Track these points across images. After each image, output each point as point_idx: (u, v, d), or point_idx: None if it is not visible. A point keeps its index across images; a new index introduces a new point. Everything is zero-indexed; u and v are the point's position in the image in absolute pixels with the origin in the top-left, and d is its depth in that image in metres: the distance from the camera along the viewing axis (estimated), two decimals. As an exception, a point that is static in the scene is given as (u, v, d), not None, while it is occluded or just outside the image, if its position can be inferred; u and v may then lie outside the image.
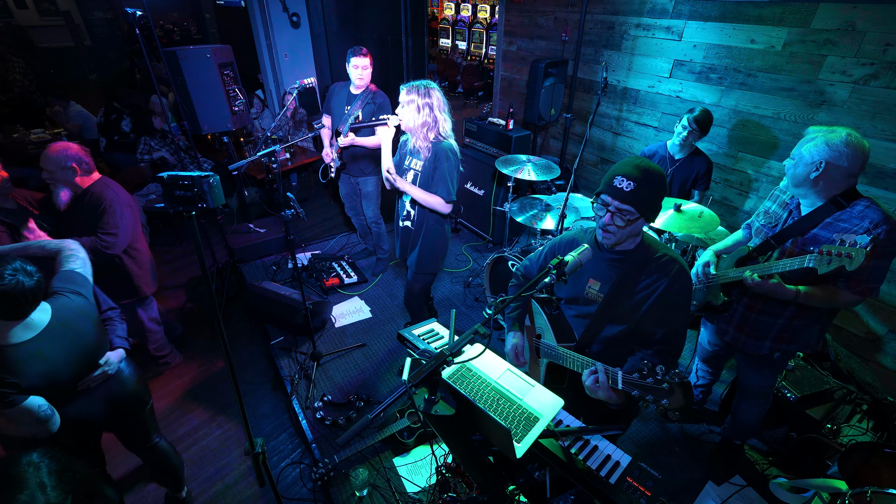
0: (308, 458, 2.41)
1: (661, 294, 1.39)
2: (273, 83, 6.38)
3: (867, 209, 1.52)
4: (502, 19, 4.60)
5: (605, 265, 1.49)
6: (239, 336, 3.31)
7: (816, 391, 2.31)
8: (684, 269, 1.40)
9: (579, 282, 1.56)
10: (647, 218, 1.35)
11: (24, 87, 6.65)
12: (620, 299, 1.44)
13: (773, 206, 1.83)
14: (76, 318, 1.61)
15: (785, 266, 1.58)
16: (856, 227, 1.52)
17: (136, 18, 2.52)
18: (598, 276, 1.50)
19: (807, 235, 1.62)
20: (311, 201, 5.34)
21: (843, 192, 1.57)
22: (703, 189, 2.70)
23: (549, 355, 1.61)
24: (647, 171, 1.30)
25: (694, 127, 2.56)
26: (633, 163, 1.33)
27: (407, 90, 2.13)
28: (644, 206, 1.32)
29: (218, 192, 1.22)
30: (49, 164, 2.14)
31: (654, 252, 1.42)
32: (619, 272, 1.44)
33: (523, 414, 1.37)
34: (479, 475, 1.36)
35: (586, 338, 1.54)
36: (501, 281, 3.15)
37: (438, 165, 2.21)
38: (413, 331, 1.79)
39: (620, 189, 1.31)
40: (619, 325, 1.48)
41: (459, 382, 1.49)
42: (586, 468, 1.28)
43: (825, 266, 1.43)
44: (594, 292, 1.51)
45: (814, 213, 1.62)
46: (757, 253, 1.79)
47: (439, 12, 10.59)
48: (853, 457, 1.88)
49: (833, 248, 1.41)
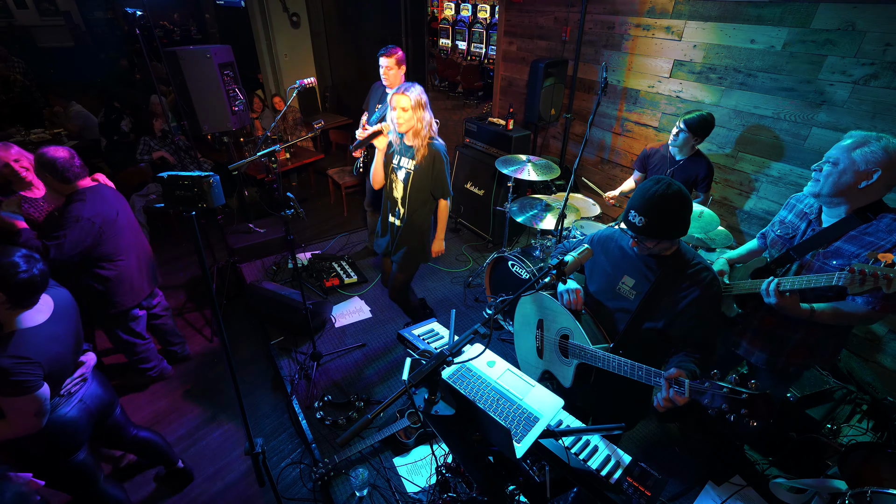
0: (308, 458, 2.41)
1: (692, 302, 1.42)
2: (273, 83, 6.38)
3: (895, 222, 1.43)
4: (502, 19, 4.60)
5: (640, 264, 1.53)
6: (239, 336, 3.31)
7: (816, 391, 2.31)
8: (716, 279, 1.44)
9: (612, 274, 1.59)
10: (672, 238, 1.38)
11: (25, 87, 6.64)
12: (659, 297, 1.48)
13: (789, 216, 1.73)
14: (68, 304, 1.68)
15: (810, 283, 1.46)
16: (883, 241, 1.42)
17: (136, 18, 2.52)
18: (632, 274, 1.54)
19: (829, 248, 1.52)
20: (311, 201, 5.35)
21: (871, 204, 1.46)
22: (704, 191, 2.70)
23: (580, 357, 1.59)
24: (661, 201, 1.31)
25: (683, 128, 2.54)
26: (647, 195, 1.34)
27: (402, 94, 2.16)
28: (662, 233, 1.35)
29: (218, 192, 1.23)
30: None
31: (688, 260, 1.46)
32: (656, 273, 1.48)
33: (523, 414, 1.37)
34: (479, 475, 1.36)
35: (627, 335, 1.55)
36: (501, 281, 3.15)
37: (436, 166, 2.29)
38: (413, 331, 1.80)
39: (634, 224, 1.36)
40: (657, 322, 1.50)
41: (459, 382, 1.49)
42: (586, 468, 1.28)
43: (857, 287, 1.32)
44: (627, 288, 1.55)
45: (837, 224, 1.52)
46: (775, 265, 1.69)
47: (439, 12, 10.57)
48: (853, 457, 1.87)
49: (867, 268, 1.29)
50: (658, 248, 1.41)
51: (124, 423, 2.03)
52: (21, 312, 1.48)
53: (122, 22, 9.49)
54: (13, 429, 1.48)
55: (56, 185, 2.17)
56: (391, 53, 3.09)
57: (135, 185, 4.29)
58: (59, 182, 2.15)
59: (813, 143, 2.62)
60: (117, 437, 2.01)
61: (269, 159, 2.23)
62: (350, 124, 6.00)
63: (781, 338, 1.74)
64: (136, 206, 4.15)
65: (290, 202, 2.44)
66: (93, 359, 1.83)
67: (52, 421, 1.58)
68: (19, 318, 1.47)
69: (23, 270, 1.43)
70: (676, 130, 2.57)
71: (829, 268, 1.52)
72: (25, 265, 1.44)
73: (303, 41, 6.41)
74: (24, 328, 1.47)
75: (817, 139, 2.60)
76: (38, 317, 1.52)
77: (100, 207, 2.21)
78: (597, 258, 1.66)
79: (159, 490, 2.28)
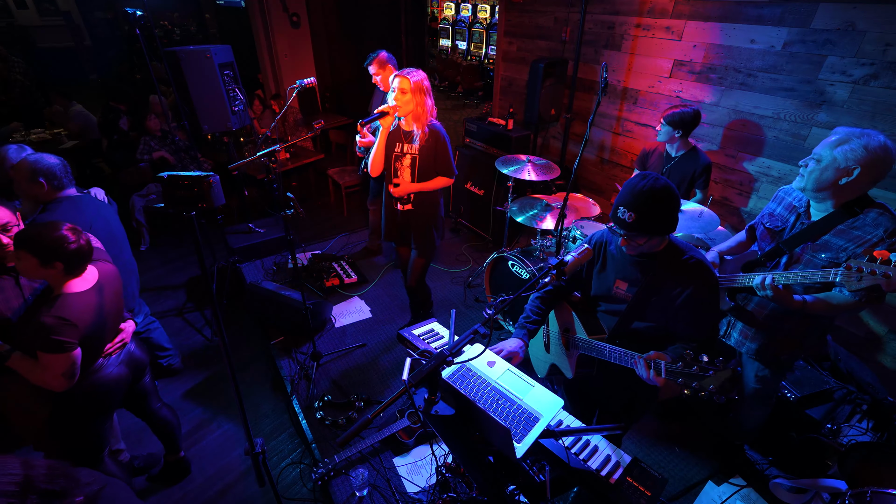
0: (308, 458, 2.41)
1: (690, 296, 1.40)
2: (273, 83, 6.38)
3: (881, 217, 1.47)
4: (502, 19, 4.60)
5: (631, 267, 1.51)
6: (239, 336, 3.31)
7: (816, 391, 2.31)
8: (711, 272, 1.42)
9: (605, 281, 1.59)
10: (662, 234, 1.37)
11: (25, 88, 6.64)
12: (649, 298, 1.47)
13: (777, 209, 1.78)
14: (111, 276, 1.80)
15: (805, 278, 1.51)
16: (870, 234, 1.47)
17: (136, 18, 2.52)
18: (625, 278, 1.53)
19: (818, 241, 1.57)
20: (311, 201, 5.35)
21: (856, 199, 1.51)
22: (703, 188, 2.70)
23: (583, 348, 1.64)
24: (649, 196, 1.30)
25: (662, 122, 2.59)
26: (635, 190, 1.32)
27: (402, 76, 2.21)
28: (652, 228, 1.34)
29: (218, 192, 1.23)
30: None
31: (681, 253, 1.43)
32: (647, 273, 1.46)
33: (523, 414, 1.37)
34: (479, 475, 1.36)
35: (616, 332, 1.58)
36: (501, 281, 3.15)
37: (439, 145, 2.33)
38: (413, 331, 1.80)
39: (623, 220, 1.34)
40: (648, 322, 1.50)
41: (459, 382, 1.49)
42: (586, 468, 1.28)
43: (855, 283, 1.34)
44: (622, 292, 1.54)
45: (826, 218, 1.56)
46: (766, 258, 1.74)
47: (439, 12, 10.58)
48: (853, 457, 1.88)
49: (864, 265, 1.31)
50: (648, 245, 1.39)
51: (151, 391, 2.15)
52: (71, 279, 1.62)
53: (122, 22, 9.49)
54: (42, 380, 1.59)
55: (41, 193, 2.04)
56: (372, 60, 3.16)
57: (135, 185, 4.29)
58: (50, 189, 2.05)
59: (813, 143, 2.62)
60: (143, 403, 2.12)
61: (269, 159, 2.23)
62: (350, 124, 6.00)
63: (772, 328, 1.78)
64: (136, 206, 4.15)
65: (290, 202, 2.44)
66: (132, 326, 1.97)
67: (94, 380, 1.73)
68: (68, 284, 1.62)
69: (72, 241, 1.56)
70: (658, 127, 2.64)
71: (818, 260, 1.57)
72: (73, 237, 1.57)
73: (303, 41, 6.40)
74: (70, 293, 1.60)
75: (817, 139, 2.60)
76: (83, 284, 1.66)
77: (70, 216, 2.09)
78: (595, 259, 1.66)
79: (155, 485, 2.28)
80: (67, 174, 2.12)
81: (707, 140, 3.16)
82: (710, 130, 3.13)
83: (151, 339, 2.81)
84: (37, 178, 2.01)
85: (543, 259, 2.89)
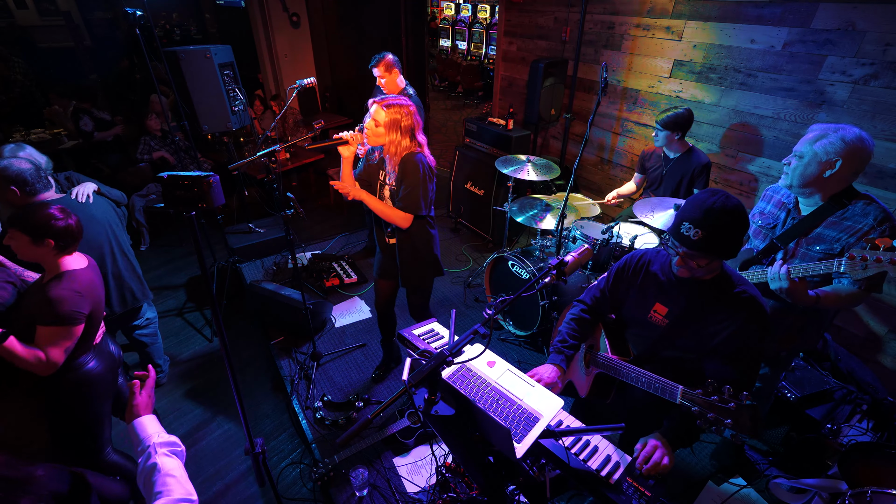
0: (308, 458, 2.41)
1: (733, 334, 1.30)
2: (273, 83, 6.38)
3: (868, 206, 1.52)
4: (502, 19, 4.60)
5: (675, 290, 1.41)
6: (239, 336, 3.31)
7: (816, 391, 2.31)
8: (764, 311, 1.31)
9: (643, 303, 1.49)
10: (722, 257, 1.29)
11: (25, 88, 6.64)
12: (688, 326, 1.38)
13: (768, 207, 1.80)
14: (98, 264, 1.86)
15: (807, 270, 1.52)
16: (860, 224, 1.52)
17: (136, 18, 2.52)
18: (666, 301, 1.43)
19: (811, 235, 1.61)
20: (311, 201, 5.35)
21: (842, 191, 1.56)
22: (702, 187, 2.70)
23: (605, 367, 1.56)
24: (721, 214, 1.19)
25: (658, 128, 2.60)
26: (705, 206, 1.21)
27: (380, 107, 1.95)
28: (717, 249, 1.23)
29: (218, 192, 1.23)
30: None
31: (734, 286, 1.33)
32: (692, 300, 1.37)
33: (523, 414, 1.37)
34: (479, 475, 1.36)
35: (643, 357, 1.50)
36: (501, 281, 3.15)
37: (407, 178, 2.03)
38: (413, 331, 1.80)
39: (688, 237, 1.23)
40: (679, 352, 1.42)
41: (459, 382, 1.49)
42: (586, 468, 1.28)
43: (860, 272, 1.36)
44: (660, 317, 1.44)
45: (816, 212, 1.60)
46: (762, 255, 1.75)
47: (439, 12, 10.58)
48: (853, 457, 1.87)
49: (868, 254, 1.32)
50: (707, 268, 1.28)
51: None
52: (65, 257, 1.68)
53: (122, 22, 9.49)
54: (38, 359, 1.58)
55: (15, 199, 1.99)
56: (378, 62, 3.13)
57: (134, 185, 4.29)
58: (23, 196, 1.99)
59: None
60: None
61: (269, 159, 2.23)
62: (350, 124, 6.00)
63: (774, 323, 1.77)
64: (136, 206, 4.15)
65: (290, 202, 2.44)
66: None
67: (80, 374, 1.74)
68: (64, 261, 1.68)
69: (59, 219, 1.62)
70: (654, 133, 2.65)
71: (813, 253, 1.59)
72: (61, 215, 1.64)
73: (303, 41, 6.40)
74: (72, 270, 1.67)
75: (817, 139, 2.60)
76: (80, 262, 1.73)
77: None
78: (632, 281, 1.54)
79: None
80: (41, 178, 2.01)
81: (707, 140, 3.16)
82: (710, 130, 3.13)
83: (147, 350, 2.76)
84: (8, 185, 1.94)
85: (543, 259, 2.89)
